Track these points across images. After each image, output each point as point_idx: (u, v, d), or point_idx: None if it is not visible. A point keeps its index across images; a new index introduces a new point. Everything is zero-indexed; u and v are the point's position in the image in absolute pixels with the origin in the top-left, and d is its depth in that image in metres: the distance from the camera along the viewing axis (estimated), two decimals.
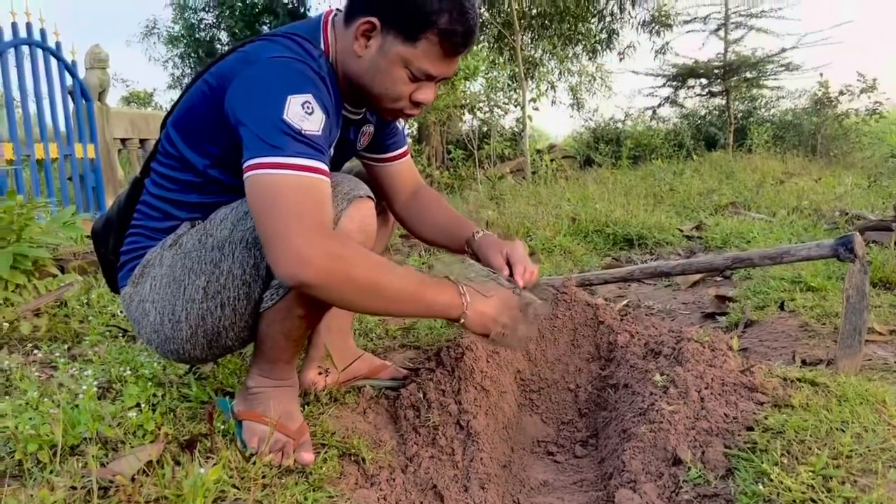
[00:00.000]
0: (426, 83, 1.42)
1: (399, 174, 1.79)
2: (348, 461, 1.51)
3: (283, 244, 1.16)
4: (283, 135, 1.20)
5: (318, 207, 1.20)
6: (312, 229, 1.17)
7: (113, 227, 1.61)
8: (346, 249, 1.20)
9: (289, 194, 1.18)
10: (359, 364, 1.86)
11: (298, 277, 1.16)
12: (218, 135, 1.35)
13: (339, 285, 1.20)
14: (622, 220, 4.80)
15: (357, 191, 1.37)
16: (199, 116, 1.39)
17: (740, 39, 11.85)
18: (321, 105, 1.27)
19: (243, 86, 1.28)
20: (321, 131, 1.25)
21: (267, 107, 1.22)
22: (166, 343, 1.46)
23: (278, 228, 1.17)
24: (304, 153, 1.21)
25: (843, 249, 1.95)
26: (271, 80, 1.26)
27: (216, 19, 14.94)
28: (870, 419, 1.44)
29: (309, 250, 1.15)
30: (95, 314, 2.60)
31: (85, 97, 5.86)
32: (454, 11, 1.32)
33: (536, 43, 12.06)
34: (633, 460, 1.49)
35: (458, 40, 1.36)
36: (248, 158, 1.21)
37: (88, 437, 1.44)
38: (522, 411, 1.99)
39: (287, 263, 1.16)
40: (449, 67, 1.41)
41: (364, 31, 1.35)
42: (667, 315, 3.11)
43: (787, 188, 6.75)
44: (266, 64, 1.29)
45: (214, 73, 1.38)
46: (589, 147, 12.19)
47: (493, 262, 1.64)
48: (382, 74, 1.38)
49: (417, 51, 1.35)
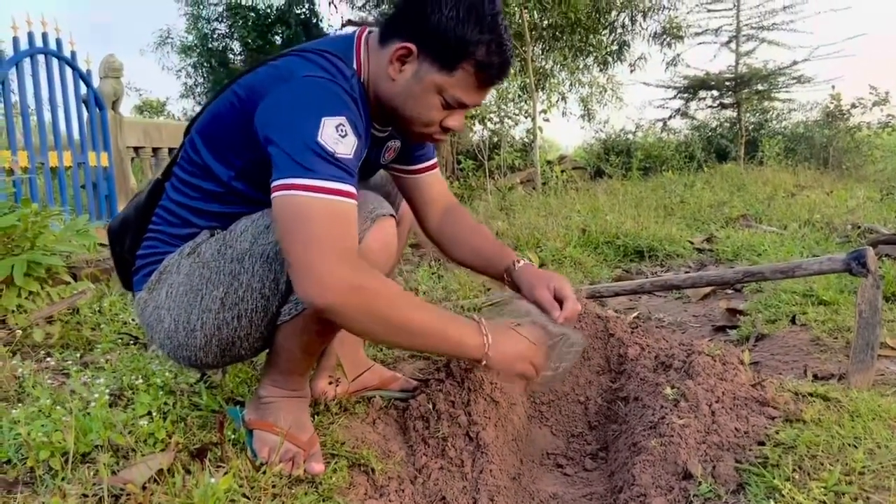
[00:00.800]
0: (457, 110, 1.43)
1: (428, 187, 1.77)
2: (358, 472, 1.51)
3: (308, 269, 1.16)
4: (315, 157, 1.20)
5: (345, 233, 1.21)
6: (338, 256, 1.17)
7: (130, 227, 1.61)
8: (370, 280, 1.20)
9: (317, 218, 1.18)
10: (369, 375, 1.86)
11: (319, 303, 1.17)
12: (244, 148, 1.36)
13: (359, 315, 1.20)
14: (633, 231, 4.79)
15: (380, 209, 1.38)
16: (226, 127, 1.40)
17: (752, 52, 11.89)
18: (354, 128, 1.27)
19: (277, 103, 1.28)
20: (353, 155, 1.25)
21: (301, 127, 1.22)
22: (179, 349, 1.47)
23: (304, 252, 1.17)
24: (335, 176, 1.21)
25: (856, 264, 1.94)
26: (306, 100, 1.26)
27: (229, 29, 15.07)
28: (883, 435, 1.42)
29: (332, 278, 1.16)
30: (107, 322, 2.62)
31: (99, 106, 5.93)
32: (492, 44, 1.33)
33: (547, 54, 12.07)
34: (643, 474, 1.48)
35: (494, 72, 1.37)
36: (278, 178, 1.20)
37: (100, 445, 1.45)
38: (532, 423, 1.99)
39: (309, 288, 1.17)
40: (481, 97, 1.43)
41: (400, 55, 1.35)
42: (677, 328, 3.09)
43: (798, 201, 6.72)
44: (300, 83, 1.29)
45: (244, 86, 1.38)
46: (599, 158, 12.19)
47: (541, 298, 1.64)
48: (416, 100, 1.38)
49: (453, 80, 1.35)
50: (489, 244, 1.78)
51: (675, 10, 12.29)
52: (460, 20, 1.30)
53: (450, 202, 1.81)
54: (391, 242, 1.40)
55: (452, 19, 1.30)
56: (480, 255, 1.77)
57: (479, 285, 3.36)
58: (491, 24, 1.32)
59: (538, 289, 1.65)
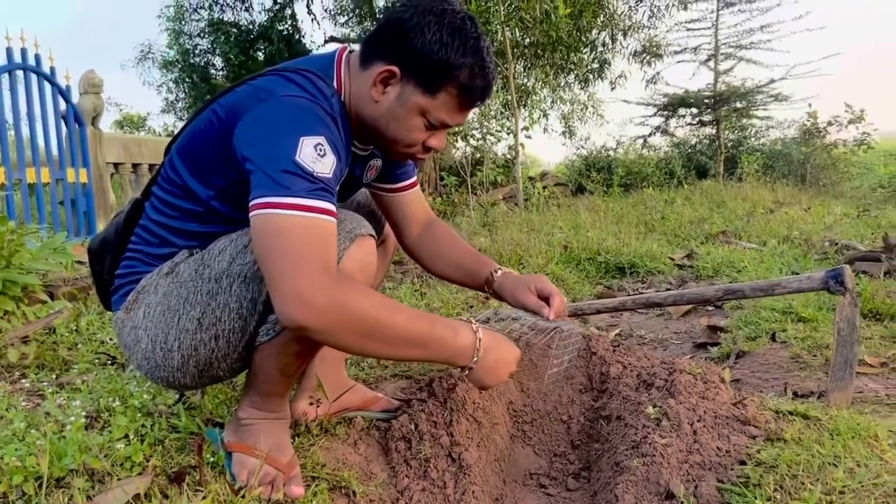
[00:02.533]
0: (440, 130, 1.44)
1: (409, 205, 1.78)
2: (339, 494, 1.49)
3: (287, 287, 1.15)
4: (294, 176, 1.19)
5: (325, 250, 1.20)
6: (317, 272, 1.16)
7: (110, 247, 1.59)
8: (351, 294, 1.19)
9: (296, 235, 1.17)
10: (350, 395, 1.84)
11: (300, 321, 1.16)
12: (224, 167, 1.35)
13: (344, 332, 1.20)
14: (614, 248, 4.82)
15: (359, 229, 1.37)
16: (206, 147, 1.39)
17: (730, 70, 12.08)
18: (333, 148, 1.27)
19: (255, 123, 1.27)
20: (332, 174, 1.25)
21: (279, 147, 1.21)
22: (156, 370, 1.45)
23: (283, 270, 1.16)
24: (314, 194, 1.20)
25: (834, 282, 1.96)
26: (284, 119, 1.25)
27: (211, 45, 15.04)
28: (862, 454, 1.43)
29: (312, 294, 1.15)
30: (84, 341, 2.58)
31: (78, 122, 5.88)
32: (475, 66, 1.34)
33: (529, 72, 12.16)
34: (625, 494, 1.47)
35: (477, 94, 1.39)
36: (256, 197, 1.20)
37: (75, 469, 1.42)
38: (515, 443, 1.98)
39: (289, 306, 1.15)
40: (464, 117, 1.44)
41: (384, 78, 1.36)
42: (659, 345, 3.11)
43: (777, 217, 6.81)
44: (279, 102, 1.28)
45: (223, 105, 1.37)
46: (581, 174, 12.28)
47: (526, 300, 1.69)
48: (399, 122, 1.39)
49: (436, 102, 1.36)
50: (468, 256, 1.80)
51: (654, 28, 12.48)
52: (444, 44, 1.31)
53: (429, 217, 1.83)
54: (370, 262, 1.40)
55: (436, 43, 1.31)
56: (460, 268, 1.79)
57: (462, 302, 3.36)
58: (474, 47, 1.34)
59: (521, 293, 1.69)
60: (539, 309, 1.66)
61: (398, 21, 1.34)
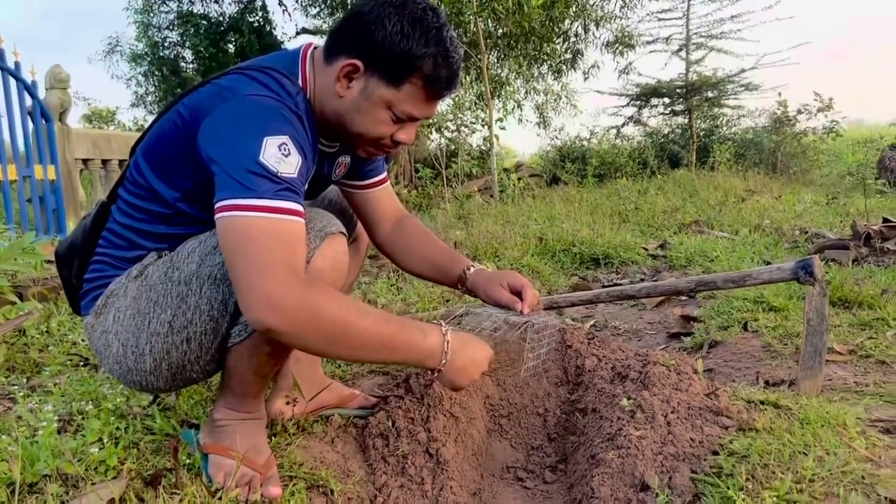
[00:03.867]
0: (408, 124, 1.43)
1: (378, 201, 1.77)
2: (316, 493, 1.49)
3: (254, 289, 1.15)
4: (258, 177, 1.18)
5: (292, 251, 1.19)
6: (284, 275, 1.16)
7: (77, 251, 1.57)
8: (319, 297, 1.19)
9: (262, 238, 1.16)
10: (327, 394, 1.84)
11: (267, 324, 1.15)
12: (190, 169, 1.34)
13: (311, 335, 1.19)
14: (588, 239, 4.85)
15: (330, 227, 1.36)
16: (170, 149, 1.38)
17: (701, 60, 12.18)
18: (298, 147, 1.26)
19: (218, 123, 1.26)
20: (297, 173, 1.24)
21: (243, 147, 1.20)
22: (129, 374, 1.44)
23: (250, 272, 1.15)
24: (279, 195, 1.19)
25: (803, 273, 1.99)
26: (248, 119, 1.24)
27: (181, 37, 14.82)
28: (831, 442, 1.46)
29: (280, 297, 1.14)
30: (56, 343, 2.54)
31: (45, 117, 5.77)
32: (439, 56, 1.33)
33: (502, 62, 12.17)
34: (601, 486, 1.49)
35: (443, 84, 1.37)
36: (220, 199, 1.19)
37: (48, 475, 1.40)
38: (492, 437, 1.99)
39: (257, 310, 1.15)
40: (431, 109, 1.43)
41: (347, 72, 1.35)
42: (633, 335, 3.14)
43: (748, 206, 6.89)
44: (242, 102, 1.27)
45: (188, 106, 1.36)
46: (555, 165, 12.32)
47: (498, 296, 1.69)
48: (364, 116, 1.38)
49: (401, 94, 1.35)
50: (441, 253, 1.79)
51: (626, 19, 12.53)
52: (405, 35, 1.30)
53: (401, 214, 1.82)
54: (342, 260, 1.39)
55: (397, 34, 1.30)
56: (433, 265, 1.79)
57: (439, 296, 3.36)
58: (436, 36, 1.33)
59: (493, 288, 1.70)
60: (512, 304, 1.67)
61: (359, 14, 1.34)
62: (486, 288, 1.71)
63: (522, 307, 1.66)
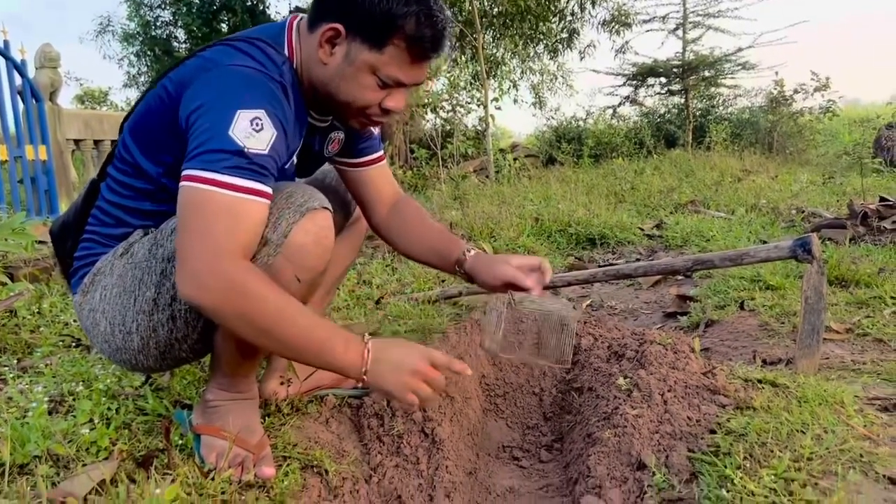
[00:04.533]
0: (396, 90, 1.38)
1: (374, 180, 1.72)
2: (311, 473, 1.48)
3: (187, 263, 1.14)
4: (223, 151, 1.16)
5: (236, 230, 1.17)
6: (219, 253, 1.14)
7: (70, 230, 1.55)
8: (249, 283, 1.16)
9: (209, 213, 1.15)
10: (321, 374, 1.82)
11: (192, 299, 1.15)
12: (172, 143, 1.31)
13: (232, 318, 1.17)
14: (584, 219, 4.84)
15: (311, 202, 1.31)
16: (155, 123, 1.35)
17: (698, 39, 12.07)
18: (275, 121, 1.23)
19: (197, 94, 1.24)
20: (268, 150, 1.21)
21: (214, 120, 1.18)
22: (118, 353, 1.42)
23: (187, 245, 1.15)
24: (238, 172, 1.17)
25: (801, 251, 1.97)
26: (224, 91, 1.22)
27: (173, 17, 14.67)
28: (829, 420, 1.45)
29: (207, 274, 1.13)
30: (48, 324, 2.52)
31: (35, 97, 5.70)
32: (421, 15, 1.28)
33: (498, 42, 12.08)
34: (598, 465, 1.48)
35: (427, 45, 1.32)
36: (185, 168, 1.18)
37: (38, 456, 1.39)
38: (487, 416, 1.98)
39: (184, 282, 1.14)
40: (419, 73, 1.37)
41: (329, 37, 1.31)
42: (629, 315, 3.13)
43: (745, 186, 6.87)
44: (222, 72, 1.25)
45: (173, 79, 1.33)
46: (551, 146, 12.26)
47: (505, 274, 1.58)
48: (349, 82, 1.34)
49: (385, 57, 1.31)
50: (438, 236, 1.73)
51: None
52: None
53: (398, 196, 1.77)
54: (325, 236, 1.33)
55: None
56: (430, 249, 1.73)
57: (434, 277, 3.34)
58: None
59: (499, 267, 1.59)
60: (523, 279, 1.56)
61: None
62: (489, 268, 1.61)
63: (543, 278, 1.56)
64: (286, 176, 1.46)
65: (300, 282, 1.31)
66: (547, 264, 1.60)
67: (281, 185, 1.31)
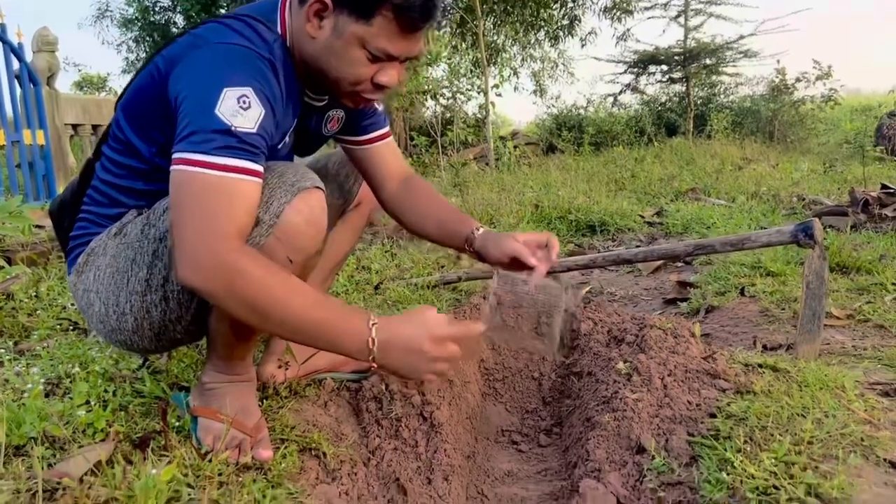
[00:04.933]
0: (389, 64, 1.33)
1: (381, 158, 1.68)
2: (309, 456, 1.47)
3: (182, 247, 1.13)
4: (210, 131, 1.14)
5: (230, 211, 1.15)
6: (215, 236, 1.12)
7: (67, 210, 1.54)
8: (247, 265, 1.13)
9: (201, 195, 1.13)
10: (319, 357, 1.81)
11: (188, 282, 1.13)
12: (163, 122, 1.29)
13: (231, 301, 1.15)
14: (584, 206, 4.82)
15: (303, 181, 1.29)
16: (146, 102, 1.33)
17: (700, 26, 12.01)
18: (263, 99, 1.20)
19: (185, 72, 1.22)
20: (256, 128, 1.19)
21: (201, 99, 1.16)
22: (113, 333, 1.41)
23: (182, 229, 1.13)
24: (228, 152, 1.15)
25: (803, 235, 1.96)
26: (211, 69, 1.19)
27: (171, 1, 14.56)
28: (830, 404, 1.45)
29: (203, 257, 1.11)
30: (45, 307, 2.51)
31: (33, 81, 5.66)
32: None
33: (499, 29, 12.02)
34: (597, 449, 1.48)
35: (416, 15, 1.27)
36: (174, 151, 1.17)
37: (34, 437, 1.37)
38: (486, 401, 1.97)
39: (181, 265, 1.13)
40: (410, 45, 1.32)
41: (316, 10, 1.28)
42: (629, 301, 3.12)
43: (745, 174, 6.85)
44: (210, 50, 1.22)
45: (165, 57, 1.31)
46: (552, 133, 12.23)
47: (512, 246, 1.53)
48: (339, 57, 1.30)
49: (373, 29, 1.26)
50: (448, 214, 1.69)
51: None
52: None
53: (407, 172, 1.73)
54: (318, 216, 1.31)
55: None
56: (440, 226, 1.68)
57: (433, 262, 3.34)
58: None
59: (506, 242, 1.54)
60: (523, 254, 1.51)
61: None
62: (497, 244, 1.55)
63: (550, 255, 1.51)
64: (280, 157, 1.44)
65: (292, 263, 1.29)
66: (555, 240, 1.56)
67: (272, 165, 1.29)
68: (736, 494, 1.22)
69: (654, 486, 1.34)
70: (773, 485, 1.19)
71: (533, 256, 1.52)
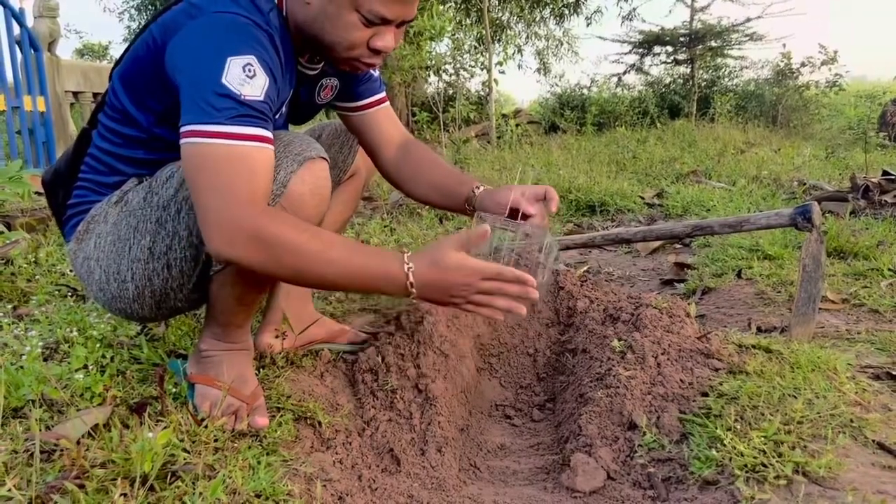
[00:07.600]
0: (384, 28, 1.31)
1: (378, 123, 1.68)
2: (304, 425, 1.49)
3: (212, 219, 1.13)
4: (220, 100, 1.14)
5: (252, 179, 1.15)
6: (242, 204, 1.12)
7: (62, 178, 1.54)
8: (277, 227, 1.14)
9: (221, 165, 1.13)
10: (316, 328, 1.82)
11: (224, 254, 1.14)
12: (160, 91, 1.28)
13: (270, 264, 1.15)
14: (585, 186, 4.81)
15: (309, 151, 1.29)
16: (142, 70, 1.32)
17: (707, 7, 11.91)
18: (265, 67, 1.20)
19: (183, 43, 1.21)
20: (263, 96, 1.19)
21: (205, 69, 1.15)
22: (113, 301, 1.42)
23: (207, 201, 1.13)
24: (240, 121, 1.15)
25: (802, 218, 1.97)
26: (212, 39, 1.18)
27: None
28: (821, 386, 1.46)
29: (234, 227, 1.12)
30: (44, 273, 2.52)
31: (34, 47, 5.62)
32: None
33: (504, 5, 11.92)
34: (589, 424, 1.49)
35: None
36: (183, 123, 1.16)
37: (32, 400, 1.39)
38: (481, 375, 1.99)
39: (213, 239, 1.13)
40: (405, 8, 1.30)
41: None
42: (626, 281, 3.13)
43: (747, 158, 6.83)
44: (208, 20, 1.21)
45: (160, 24, 1.30)
46: (554, 113, 12.16)
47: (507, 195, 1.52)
48: (333, 21, 1.28)
49: None
50: (449, 177, 1.67)
51: None
52: None
53: (406, 138, 1.72)
54: (323, 185, 1.31)
55: None
56: (440, 190, 1.66)
57: (433, 238, 3.34)
58: None
59: (503, 193, 1.52)
60: (520, 204, 1.49)
61: None
62: (497, 196, 1.53)
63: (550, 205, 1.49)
64: (277, 127, 1.44)
65: None
66: (553, 192, 1.54)
67: (278, 134, 1.29)
68: (724, 471, 1.24)
69: (645, 462, 1.35)
70: (761, 462, 1.21)
71: (531, 206, 1.50)
